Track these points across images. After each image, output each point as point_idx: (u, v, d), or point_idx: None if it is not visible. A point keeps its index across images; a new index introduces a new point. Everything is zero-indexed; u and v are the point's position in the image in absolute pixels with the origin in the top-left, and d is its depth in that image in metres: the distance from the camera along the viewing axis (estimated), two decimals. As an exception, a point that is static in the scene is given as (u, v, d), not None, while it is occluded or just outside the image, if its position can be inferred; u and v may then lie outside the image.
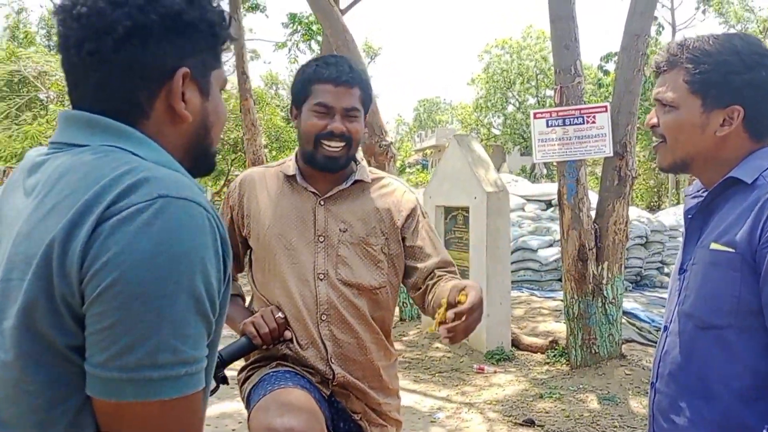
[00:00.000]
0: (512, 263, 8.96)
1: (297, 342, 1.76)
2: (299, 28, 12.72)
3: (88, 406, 0.77)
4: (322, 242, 1.77)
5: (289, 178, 1.82)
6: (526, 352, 5.70)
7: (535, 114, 5.10)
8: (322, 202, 1.79)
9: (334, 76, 1.73)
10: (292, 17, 12.53)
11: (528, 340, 5.89)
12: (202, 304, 0.78)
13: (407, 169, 34.23)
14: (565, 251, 5.05)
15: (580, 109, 4.87)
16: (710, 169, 1.34)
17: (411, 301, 6.88)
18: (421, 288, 1.82)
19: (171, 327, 0.75)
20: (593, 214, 5.11)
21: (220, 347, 1.67)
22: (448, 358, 5.67)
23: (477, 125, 39.77)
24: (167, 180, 0.80)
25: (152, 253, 0.74)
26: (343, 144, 1.74)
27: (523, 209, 10.95)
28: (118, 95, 0.87)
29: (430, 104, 61.25)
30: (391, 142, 6.52)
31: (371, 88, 1.82)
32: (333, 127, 1.72)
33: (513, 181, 13.62)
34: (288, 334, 1.73)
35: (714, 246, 1.27)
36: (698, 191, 1.42)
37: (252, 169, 1.92)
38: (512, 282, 8.70)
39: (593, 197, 5.41)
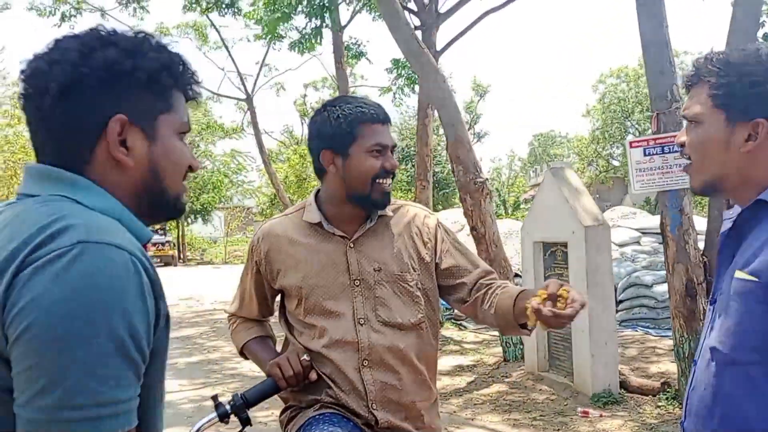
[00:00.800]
0: (626, 300, 8.53)
1: (339, 387, 1.76)
2: (402, 72, 12.98)
3: None
4: (358, 285, 1.77)
5: (315, 226, 1.82)
6: (636, 395, 5.35)
7: (631, 143, 4.89)
8: (351, 245, 1.80)
9: (381, 116, 1.79)
10: (395, 63, 12.81)
11: (638, 381, 5.53)
12: (124, 346, 0.80)
13: (521, 206, 33.60)
14: (672, 287, 4.74)
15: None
16: (743, 190, 1.25)
17: (514, 341, 6.69)
18: (468, 300, 1.82)
19: (87, 369, 0.77)
20: (702, 245, 4.78)
21: (245, 389, 1.72)
22: (551, 400, 5.43)
23: (595, 157, 38.51)
24: (91, 226, 0.83)
25: (67, 297, 0.77)
26: (392, 179, 1.80)
27: (638, 243, 10.43)
28: (62, 148, 0.92)
29: (544, 138, 60.13)
30: (487, 179, 6.47)
31: None
32: (390, 165, 1.77)
33: (631, 214, 13.03)
34: (313, 375, 1.74)
35: (738, 274, 1.18)
36: (736, 213, 1.31)
37: (270, 223, 1.92)
38: (626, 320, 8.29)
39: (702, 225, 5.06)
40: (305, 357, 1.75)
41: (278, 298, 1.93)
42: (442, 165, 25.95)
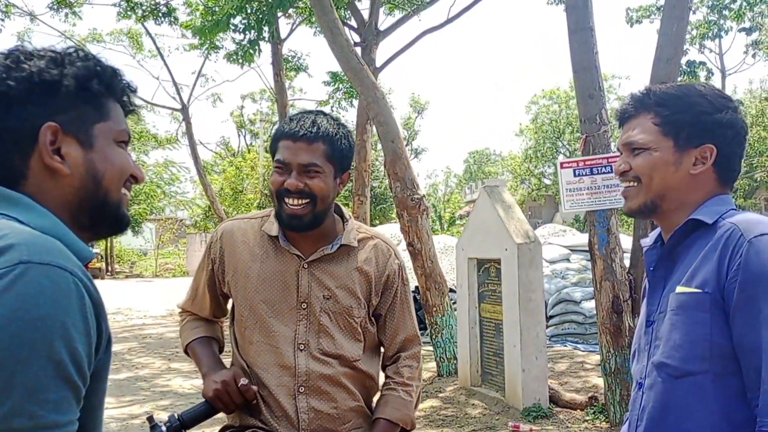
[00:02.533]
0: (555, 316, 8.76)
1: (271, 412, 1.72)
2: (341, 86, 13.03)
3: None
4: (304, 309, 1.73)
5: (273, 239, 1.77)
6: (565, 409, 5.49)
7: (561, 164, 5.05)
8: (305, 266, 1.74)
9: (293, 131, 1.69)
10: (334, 76, 12.87)
11: (567, 396, 5.68)
12: (64, 369, 0.78)
13: (457, 221, 34.10)
14: (599, 303, 4.90)
15: (607, 158, 4.80)
16: (677, 211, 1.33)
17: (447, 355, 6.76)
18: (384, 365, 1.87)
19: (25, 392, 0.75)
20: (627, 263, 4.96)
21: (177, 407, 1.68)
22: (483, 415, 5.51)
23: (527, 175, 39.53)
24: (33, 246, 0.81)
25: (7, 318, 0.75)
26: (306, 201, 1.68)
27: (568, 260, 10.74)
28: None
29: (479, 156, 61.33)
30: (424, 195, 6.54)
31: (345, 142, 1.75)
32: (288, 184, 1.67)
33: (561, 232, 13.42)
34: (253, 397, 1.70)
35: (680, 289, 1.24)
36: (656, 242, 1.39)
37: (233, 222, 1.87)
38: (555, 335, 8.51)
39: (628, 244, 5.26)
40: (243, 382, 1.69)
41: (231, 301, 1.89)
42: (380, 180, 26.11)
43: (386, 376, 1.85)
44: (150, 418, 1.64)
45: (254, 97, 29.65)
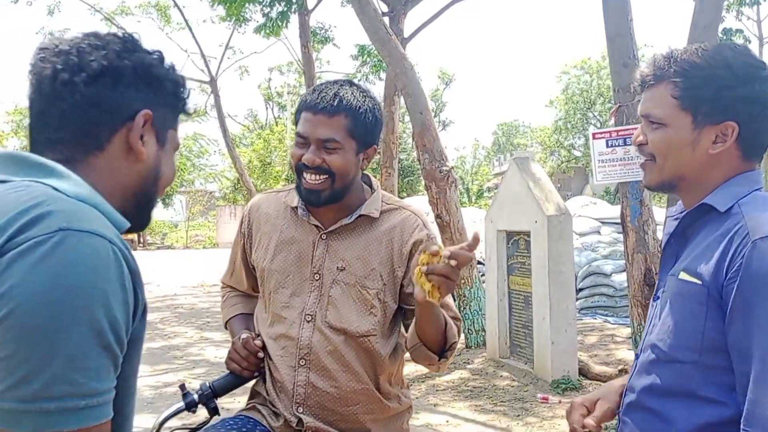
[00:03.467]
0: (585, 289, 8.70)
1: (272, 384, 1.69)
2: (368, 59, 12.93)
3: None
4: (317, 280, 1.68)
5: (294, 210, 1.74)
6: (595, 382, 5.47)
7: (594, 135, 4.96)
8: (323, 237, 1.70)
9: (314, 103, 1.62)
10: (361, 49, 12.77)
11: (597, 368, 5.66)
12: (105, 337, 0.79)
13: (485, 194, 33.92)
14: (630, 276, 4.85)
15: (641, 128, 4.70)
16: (696, 190, 1.26)
17: (476, 327, 6.77)
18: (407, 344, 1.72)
19: (67, 359, 0.76)
20: (661, 235, 4.89)
21: (210, 375, 1.70)
22: (512, 386, 5.52)
23: (557, 147, 39.05)
24: (72, 213, 0.82)
25: (48, 286, 0.76)
26: (324, 177, 1.62)
27: (598, 232, 10.63)
28: (80, 125, 0.93)
29: (508, 127, 60.65)
30: (452, 167, 6.50)
31: (370, 116, 1.65)
32: (306, 159, 1.62)
33: (591, 203, 13.26)
34: (251, 346, 1.68)
35: (682, 276, 1.20)
36: (680, 213, 1.33)
37: (261, 196, 1.87)
38: (585, 308, 8.46)
39: (662, 216, 5.17)
40: (243, 335, 1.68)
41: None
42: (407, 152, 25.99)
43: None
44: (182, 386, 1.67)
45: (281, 69, 29.64)
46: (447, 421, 4.73)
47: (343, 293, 1.66)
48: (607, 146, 4.81)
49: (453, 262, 1.35)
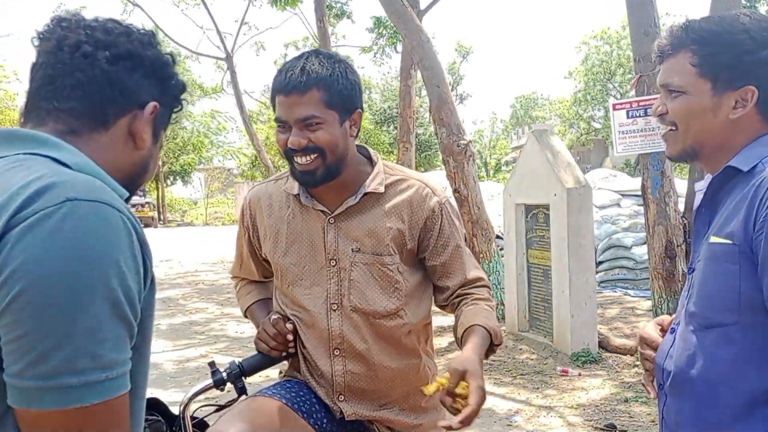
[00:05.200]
0: (605, 261, 8.64)
1: (311, 374, 1.69)
2: (384, 32, 12.81)
3: (10, 416, 0.77)
4: (334, 266, 1.64)
5: (295, 197, 1.69)
6: (615, 354, 5.46)
7: (614, 105, 4.89)
8: (332, 221, 1.65)
9: (283, 85, 1.56)
10: (377, 21, 12.65)
11: (617, 341, 5.64)
12: (120, 307, 0.77)
13: (503, 168, 33.70)
14: (651, 248, 4.81)
15: (662, 98, 4.62)
16: (719, 157, 1.26)
17: (495, 302, 6.76)
18: (445, 304, 1.72)
19: (88, 332, 0.74)
20: (682, 207, 4.83)
21: (238, 353, 1.71)
22: (532, 360, 5.53)
23: (576, 119, 38.59)
24: (77, 183, 0.80)
25: (62, 258, 0.74)
26: (314, 156, 1.57)
27: (618, 205, 10.53)
28: (92, 99, 0.94)
29: (526, 100, 60.04)
30: (470, 141, 6.45)
31: (343, 81, 1.59)
32: (291, 142, 1.56)
33: (611, 176, 13.11)
34: (282, 326, 1.66)
35: (713, 239, 1.20)
36: (707, 185, 1.32)
37: (258, 188, 1.82)
38: (605, 281, 8.41)
39: (683, 188, 5.11)
40: (274, 316, 1.67)
41: None
42: (424, 127, 25.83)
43: (460, 298, 1.68)
44: (212, 364, 1.67)
45: (297, 44, 29.45)
46: (466, 394, 4.75)
47: (364, 274, 1.63)
48: (628, 117, 4.74)
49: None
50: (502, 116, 57.98)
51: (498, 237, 7.41)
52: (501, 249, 6.86)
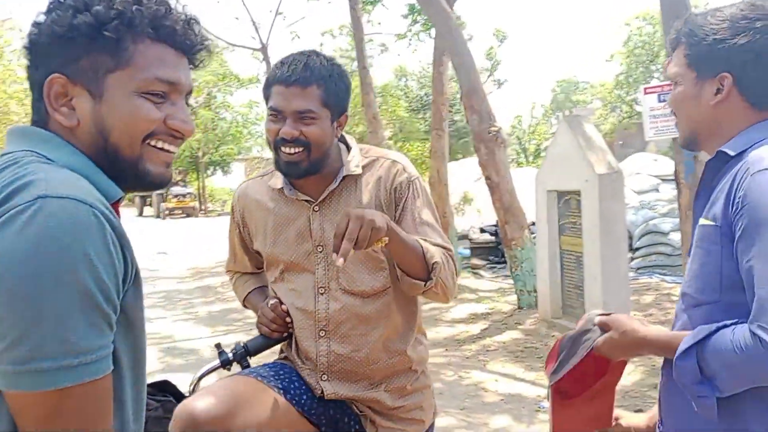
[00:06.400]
0: (642, 248, 8.53)
1: (297, 355, 1.75)
2: (419, 18, 12.76)
3: (2, 397, 0.81)
4: (321, 252, 1.71)
5: (279, 191, 1.75)
6: (648, 341, 5.41)
7: (645, 89, 4.83)
8: (316, 208, 1.71)
9: (285, 76, 1.62)
10: (411, 8, 12.60)
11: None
12: (93, 297, 0.80)
13: (542, 154, 33.28)
14: (684, 233, 4.75)
15: (695, 81, 4.54)
16: (715, 143, 1.30)
17: (528, 288, 6.76)
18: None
19: (56, 321, 0.78)
20: (716, 192, 4.75)
21: (248, 339, 1.78)
22: (564, 346, 5.52)
23: (618, 103, 37.83)
24: (52, 181, 0.83)
25: (29, 252, 0.78)
26: (300, 149, 1.62)
27: (657, 190, 10.37)
28: (34, 107, 0.96)
29: (567, 84, 59.08)
30: (501, 128, 6.43)
31: (341, 84, 1.66)
32: (283, 132, 1.61)
33: (652, 161, 12.88)
34: (279, 310, 1.73)
35: (701, 221, 1.25)
36: (703, 170, 1.37)
37: (246, 184, 1.89)
38: (642, 267, 8.31)
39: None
40: (271, 301, 1.74)
41: None
42: (462, 113, 25.65)
43: None
44: (218, 345, 1.77)
45: (333, 33, 29.56)
46: (496, 380, 4.79)
47: (350, 257, 1.64)
48: (659, 101, 4.68)
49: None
50: (542, 101, 57.13)
51: (532, 224, 7.39)
52: (534, 236, 6.84)
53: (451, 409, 4.23)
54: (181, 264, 12.82)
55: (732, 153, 1.24)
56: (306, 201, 1.73)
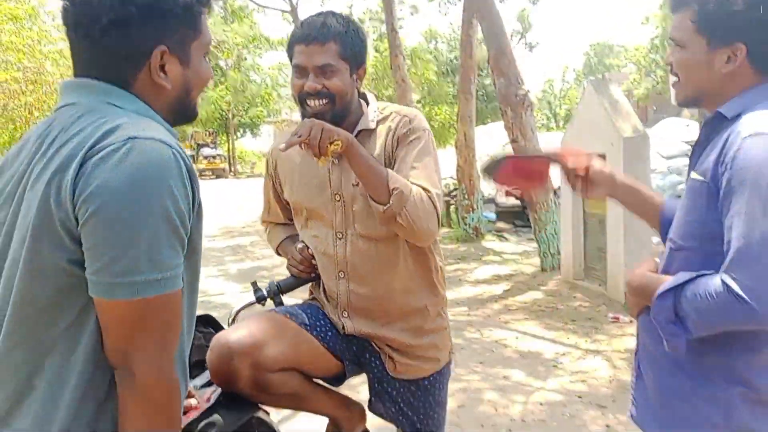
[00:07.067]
0: (669, 213, 8.51)
1: (324, 294, 1.92)
2: (449, -21, 12.63)
3: (90, 306, 0.99)
4: (338, 201, 1.85)
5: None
6: (668, 304, 5.49)
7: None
8: (335, 161, 1.84)
9: (305, 35, 1.78)
10: (441, -31, 12.47)
11: (672, 291, 5.66)
12: (173, 222, 0.98)
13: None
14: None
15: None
16: (718, 103, 1.38)
17: (551, 251, 6.85)
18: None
19: (148, 242, 0.95)
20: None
21: (281, 278, 1.95)
22: (585, 307, 5.63)
23: (653, 67, 37.02)
24: (137, 125, 1.00)
25: (126, 183, 0.95)
26: (325, 101, 1.78)
27: (686, 155, 10.27)
28: (106, 70, 1.09)
29: (601, 48, 57.78)
30: (528, 91, 6.45)
31: (356, 39, 1.81)
32: (307, 86, 1.77)
33: (684, 127, 12.71)
34: (306, 254, 1.91)
35: (692, 175, 1.35)
36: (700, 128, 1.45)
37: (278, 138, 2.05)
38: (668, 232, 8.29)
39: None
40: (299, 245, 1.92)
41: None
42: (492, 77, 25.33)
43: None
44: (254, 284, 1.94)
45: (363, -6, 29.27)
46: (516, 338, 4.93)
47: (365, 205, 1.81)
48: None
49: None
50: (574, 65, 56.01)
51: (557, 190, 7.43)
52: (559, 199, 6.90)
53: (470, 362, 4.39)
54: (212, 223, 13.13)
55: (729, 116, 1.32)
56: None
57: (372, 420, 1.96)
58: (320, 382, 1.87)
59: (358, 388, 2.32)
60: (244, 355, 1.63)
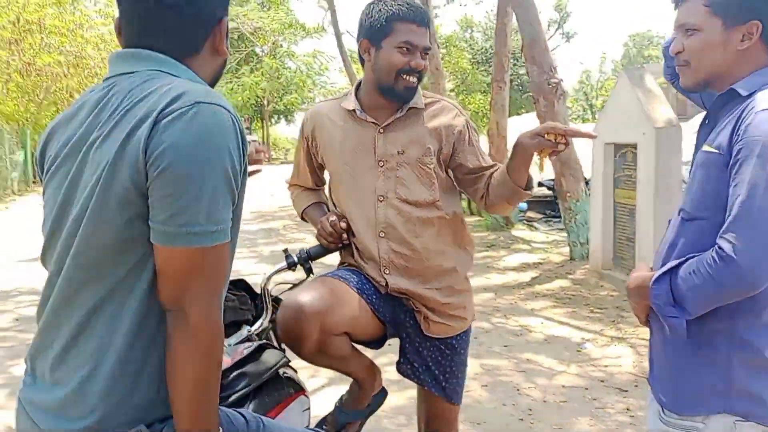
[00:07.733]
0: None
1: (360, 254, 2.05)
2: (485, -33, 12.55)
3: (147, 255, 1.09)
4: (382, 167, 2.01)
5: (351, 112, 2.06)
6: (697, 295, 5.47)
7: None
8: (381, 131, 2.02)
9: (418, 17, 1.95)
10: (478, -43, 12.40)
11: (701, 282, 5.64)
12: (229, 181, 1.09)
13: (609, 110, 32.34)
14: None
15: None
16: (729, 83, 1.43)
17: (581, 240, 6.85)
18: (484, 194, 2.01)
19: (209, 197, 1.06)
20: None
21: (309, 246, 2.05)
22: (612, 296, 5.65)
23: (693, 59, 36.18)
24: (200, 91, 1.11)
25: (193, 144, 1.06)
26: (417, 78, 1.98)
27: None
28: (185, 37, 1.21)
29: (640, 38, 56.66)
30: (561, 80, 6.44)
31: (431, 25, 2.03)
32: (415, 64, 1.95)
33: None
34: (338, 227, 2.02)
35: (705, 148, 1.41)
36: (711, 103, 1.52)
37: (318, 105, 2.21)
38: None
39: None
40: (332, 218, 2.04)
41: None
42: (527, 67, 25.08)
43: (490, 176, 2.02)
44: (285, 250, 2.05)
45: (400, -18, 29.25)
46: (542, 323, 4.98)
47: (408, 172, 2.01)
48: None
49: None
50: (613, 56, 55.03)
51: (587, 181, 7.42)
52: (589, 189, 6.90)
53: (495, 346, 4.46)
54: (246, 208, 13.27)
55: (743, 93, 1.38)
56: (373, 123, 2.03)
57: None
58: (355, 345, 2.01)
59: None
60: (315, 316, 1.79)
